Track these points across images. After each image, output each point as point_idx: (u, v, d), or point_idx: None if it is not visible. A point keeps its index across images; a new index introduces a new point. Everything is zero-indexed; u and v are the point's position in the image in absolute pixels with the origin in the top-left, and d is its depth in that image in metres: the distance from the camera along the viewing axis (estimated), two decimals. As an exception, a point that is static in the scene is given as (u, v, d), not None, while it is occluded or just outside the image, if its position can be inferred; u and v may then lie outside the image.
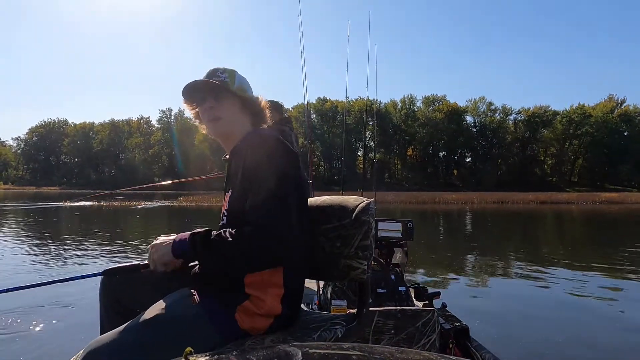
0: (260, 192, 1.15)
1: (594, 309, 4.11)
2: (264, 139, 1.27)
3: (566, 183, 69.49)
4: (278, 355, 0.56)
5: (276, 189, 1.15)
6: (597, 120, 69.74)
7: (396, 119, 79.56)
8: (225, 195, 1.33)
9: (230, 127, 1.37)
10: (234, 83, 1.36)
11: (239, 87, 1.37)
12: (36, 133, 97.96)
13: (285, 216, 1.13)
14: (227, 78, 1.36)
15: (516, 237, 11.46)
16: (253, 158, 1.21)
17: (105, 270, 1.35)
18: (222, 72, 1.36)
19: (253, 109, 1.40)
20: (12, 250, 7.32)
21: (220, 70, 1.37)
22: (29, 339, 3.05)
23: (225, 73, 1.36)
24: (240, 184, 1.23)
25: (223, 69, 1.38)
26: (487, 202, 30.33)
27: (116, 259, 6.57)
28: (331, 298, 2.26)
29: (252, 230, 1.11)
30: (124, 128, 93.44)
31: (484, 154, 77.90)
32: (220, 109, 1.34)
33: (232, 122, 1.37)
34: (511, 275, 5.77)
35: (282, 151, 1.24)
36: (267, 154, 1.21)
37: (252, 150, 1.24)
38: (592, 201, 31.45)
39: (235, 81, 1.37)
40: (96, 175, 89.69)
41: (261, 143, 1.25)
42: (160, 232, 1.36)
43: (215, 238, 1.14)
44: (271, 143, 1.25)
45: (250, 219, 1.13)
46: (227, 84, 1.35)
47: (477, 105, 79.20)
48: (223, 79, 1.35)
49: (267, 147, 1.23)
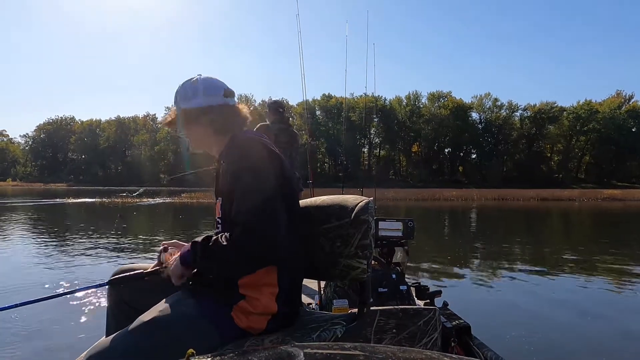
0: (244, 195, 1.18)
1: (596, 308, 4.10)
2: (243, 144, 1.29)
3: (573, 180, 68.92)
4: (280, 356, 0.56)
5: (259, 192, 1.17)
6: (605, 116, 69.02)
7: (401, 116, 79.23)
8: (217, 203, 1.36)
9: (203, 145, 1.43)
10: (189, 102, 1.35)
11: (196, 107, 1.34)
12: (44, 130, 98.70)
13: (270, 216, 1.16)
14: (180, 101, 1.36)
15: (516, 234, 11.40)
16: (234, 163, 1.24)
17: (110, 280, 1.38)
18: (178, 94, 1.38)
19: (220, 120, 1.36)
20: (21, 248, 7.41)
21: (177, 92, 1.38)
22: (34, 338, 3.07)
23: (179, 94, 1.37)
24: (228, 189, 1.25)
25: (179, 88, 1.38)
26: (488, 198, 30.23)
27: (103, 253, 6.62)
28: (332, 298, 2.26)
29: (240, 233, 1.14)
30: (130, 125, 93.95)
31: (490, 151, 77.43)
32: (188, 135, 1.40)
33: (201, 140, 1.42)
34: (512, 273, 5.76)
35: (261, 153, 1.26)
36: (249, 157, 1.23)
37: (232, 156, 1.27)
38: (595, 198, 31.22)
39: (191, 99, 1.35)
40: (103, 172, 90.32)
41: (243, 148, 1.27)
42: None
43: (212, 245, 1.19)
44: (253, 147, 1.27)
45: (238, 222, 1.17)
46: (182, 110, 1.36)
47: (483, 101, 78.70)
48: (178, 102, 1.37)
49: (245, 151, 1.25)
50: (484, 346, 2.00)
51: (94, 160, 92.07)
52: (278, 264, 1.24)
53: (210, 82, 1.37)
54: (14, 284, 4.68)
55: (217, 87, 1.38)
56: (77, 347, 2.72)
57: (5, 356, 2.78)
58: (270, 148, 1.29)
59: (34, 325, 3.31)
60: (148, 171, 79.30)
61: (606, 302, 4.27)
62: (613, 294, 4.60)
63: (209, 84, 1.37)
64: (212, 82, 1.37)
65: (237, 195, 1.19)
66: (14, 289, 4.41)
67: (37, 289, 4.47)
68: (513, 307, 4.11)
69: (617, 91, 73.90)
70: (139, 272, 1.36)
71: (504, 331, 3.25)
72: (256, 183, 1.18)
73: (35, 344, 2.95)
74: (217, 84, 1.38)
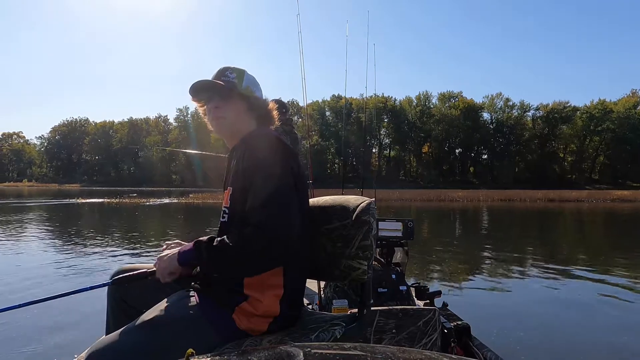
0: (259, 192, 1.15)
1: (596, 309, 4.10)
2: (264, 139, 1.28)
3: (586, 180, 67.78)
4: (279, 356, 0.56)
5: (275, 190, 1.15)
6: (619, 116, 67.77)
7: (411, 116, 78.76)
8: (225, 192, 1.34)
9: (234, 127, 1.38)
10: (242, 83, 1.37)
11: (247, 88, 1.38)
12: (59, 132, 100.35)
13: (285, 216, 1.13)
14: (235, 78, 1.36)
15: (517, 235, 11.23)
16: (253, 157, 1.22)
17: (113, 279, 1.37)
18: (230, 72, 1.37)
19: (259, 110, 1.41)
20: (25, 247, 7.57)
21: (230, 70, 1.38)
22: (35, 337, 3.11)
23: (234, 73, 1.37)
24: (241, 182, 1.23)
25: (233, 68, 1.39)
26: (494, 199, 29.85)
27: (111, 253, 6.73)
28: (332, 298, 2.26)
29: (253, 232, 1.11)
30: (142, 126, 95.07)
31: (501, 151, 76.54)
32: (225, 108, 1.35)
33: (236, 122, 1.38)
34: (512, 273, 5.72)
35: (282, 151, 1.25)
36: (267, 153, 1.22)
37: (252, 150, 1.25)
38: (603, 199, 30.59)
39: (243, 82, 1.38)
40: (116, 172, 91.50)
41: (261, 143, 1.27)
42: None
43: (218, 244, 1.15)
44: (271, 143, 1.26)
45: (251, 220, 1.13)
46: (234, 84, 1.36)
47: (494, 101, 77.87)
48: (231, 79, 1.36)
49: (267, 147, 1.24)
50: (484, 347, 2.00)
51: (107, 161, 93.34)
52: (286, 265, 1.22)
53: None
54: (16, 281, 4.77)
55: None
56: (78, 345, 2.77)
57: (7, 355, 2.82)
58: (286, 144, 1.29)
59: (34, 324, 3.34)
60: (159, 172, 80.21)
61: (606, 304, 4.24)
62: (613, 295, 4.56)
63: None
64: None
65: (253, 191, 1.16)
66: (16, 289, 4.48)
67: (37, 289, 4.49)
68: (513, 308, 4.10)
69: (632, 90, 72.53)
70: (141, 272, 1.33)
71: (504, 332, 3.24)
72: (272, 180, 1.15)
73: (36, 344, 2.98)
74: None
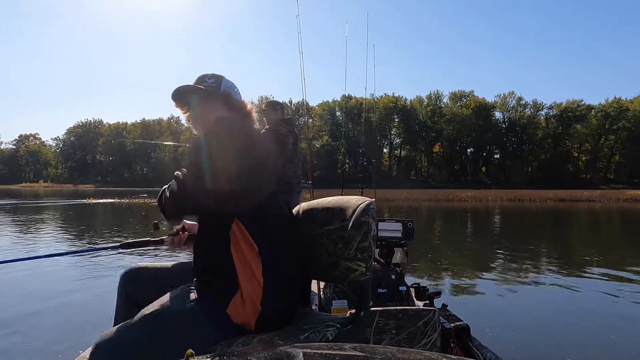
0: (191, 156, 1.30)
1: (595, 309, 4.11)
2: (221, 120, 1.37)
3: (601, 180, 66.51)
4: (279, 356, 0.55)
5: (197, 157, 1.26)
6: (635, 114, 66.34)
7: (422, 116, 78.25)
8: None
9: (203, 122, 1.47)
10: (220, 88, 1.47)
11: (225, 92, 1.47)
12: (74, 133, 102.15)
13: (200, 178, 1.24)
14: (214, 83, 1.47)
15: (520, 236, 11.14)
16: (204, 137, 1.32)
17: (122, 243, 1.55)
18: (209, 78, 1.48)
19: (239, 111, 1.49)
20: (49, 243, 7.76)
21: (209, 76, 1.48)
22: (45, 325, 3.23)
23: (213, 79, 1.48)
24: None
25: (211, 74, 1.50)
26: (504, 200, 29.51)
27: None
28: (332, 299, 2.26)
29: (174, 180, 1.34)
30: (154, 127, 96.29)
31: (514, 151, 75.57)
32: (206, 111, 1.45)
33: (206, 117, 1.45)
34: (512, 274, 5.70)
35: (227, 127, 1.32)
36: (214, 128, 1.32)
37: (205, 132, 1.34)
38: (615, 199, 30.07)
39: (222, 86, 1.47)
40: (129, 173, 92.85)
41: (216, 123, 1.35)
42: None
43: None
44: (222, 121, 1.35)
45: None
46: (213, 88, 1.46)
47: (507, 100, 76.83)
48: (210, 84, 1.46)
49: (218, 125, 1.33)
50: (484, 347, 2.00)
51: (121, 162, 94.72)
52: (262, 257, 1.26)
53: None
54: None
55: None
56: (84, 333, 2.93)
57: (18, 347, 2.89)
58: (240, 126, 1.36)
59: (40, 321, 3.42)
60: (172, 172, 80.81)
61: (606, 304, 4.24)
62: (613, 295, 4.52)
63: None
64: None
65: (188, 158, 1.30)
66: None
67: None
68: (513, 309, 4.10)
69: (649, 88, 71.11)
70: (146, 240, 1.54)
71: (504, 333, 3.25)
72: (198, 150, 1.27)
73: (42, 340, 3.06)
74: None
